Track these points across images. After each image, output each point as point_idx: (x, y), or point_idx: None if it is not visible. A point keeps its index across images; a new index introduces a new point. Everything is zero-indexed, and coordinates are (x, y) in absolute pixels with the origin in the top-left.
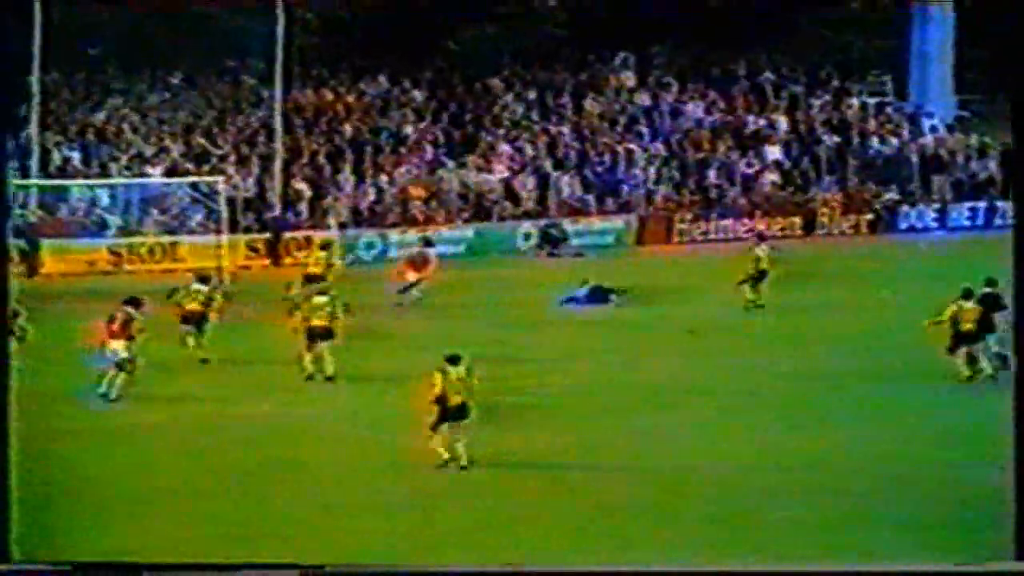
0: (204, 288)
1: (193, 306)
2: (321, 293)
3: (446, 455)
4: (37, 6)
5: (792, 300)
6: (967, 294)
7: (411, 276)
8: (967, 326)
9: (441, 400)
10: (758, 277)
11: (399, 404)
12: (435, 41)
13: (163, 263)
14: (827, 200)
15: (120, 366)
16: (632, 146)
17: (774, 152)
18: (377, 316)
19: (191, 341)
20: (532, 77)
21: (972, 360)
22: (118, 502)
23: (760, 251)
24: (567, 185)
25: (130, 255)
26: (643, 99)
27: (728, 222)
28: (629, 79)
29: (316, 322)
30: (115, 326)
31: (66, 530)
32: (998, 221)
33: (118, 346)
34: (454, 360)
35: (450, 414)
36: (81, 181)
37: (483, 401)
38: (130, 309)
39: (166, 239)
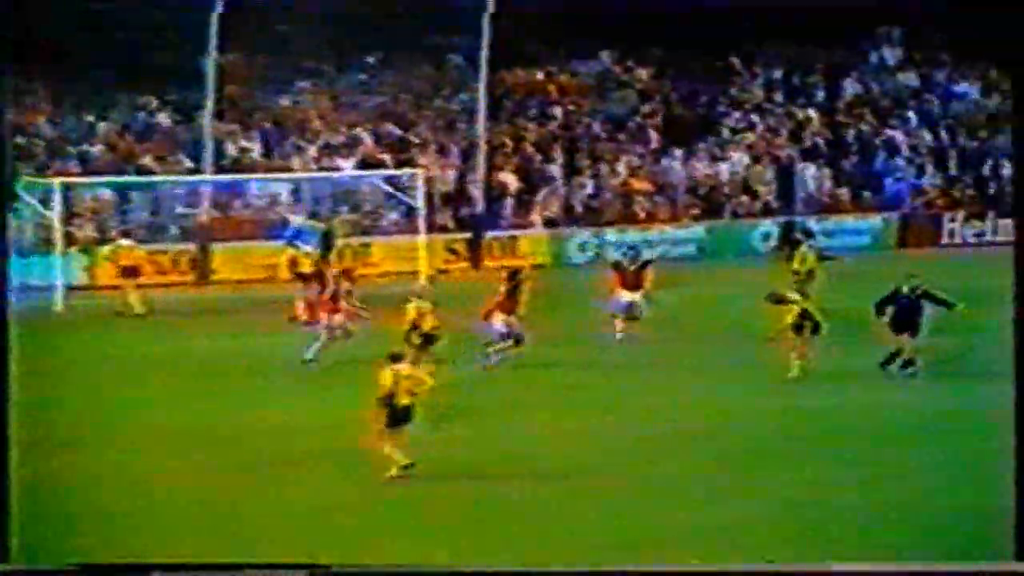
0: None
1: None
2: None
3: (404, 460)
4: None
5: None
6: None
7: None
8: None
9: (389, 400)
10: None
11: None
12: (666, 12)
13: (353, 267)
14: None
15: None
16: (895, 133)
17: None
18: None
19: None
20: (777, 53)
21: None
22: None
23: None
24: (814, 178)
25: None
26: (909, 79)
27: (1008, 222)
28: (893, 56)
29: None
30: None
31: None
32: None
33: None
34: (397, 358)
35: (398, 416)
36: (261, 175)
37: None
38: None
39: (356, 240)
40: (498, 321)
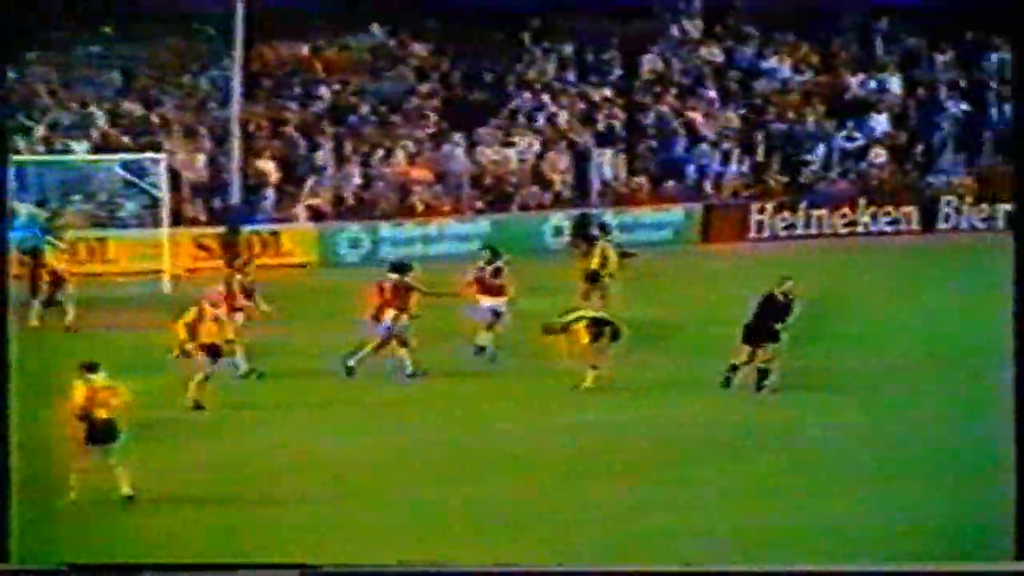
0: None
1: None
2: None
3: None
4: None
5: (907, 309)
6: None
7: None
8: None
9: (86, 415)
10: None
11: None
12: None
13: (87, 265)
14: (952, 185)
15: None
16: (697, 115)
17: (883, 122)
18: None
19: None
20: (569, 26)
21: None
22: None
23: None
24: (611, 165)
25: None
26: (713, 54)
27: (822, 213)
28: (695, 28)
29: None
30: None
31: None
32: None
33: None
34: (92, 368)
35: (98, 433)
36: None
37: None
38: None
39: (91, 234)
40: (389, 319)
